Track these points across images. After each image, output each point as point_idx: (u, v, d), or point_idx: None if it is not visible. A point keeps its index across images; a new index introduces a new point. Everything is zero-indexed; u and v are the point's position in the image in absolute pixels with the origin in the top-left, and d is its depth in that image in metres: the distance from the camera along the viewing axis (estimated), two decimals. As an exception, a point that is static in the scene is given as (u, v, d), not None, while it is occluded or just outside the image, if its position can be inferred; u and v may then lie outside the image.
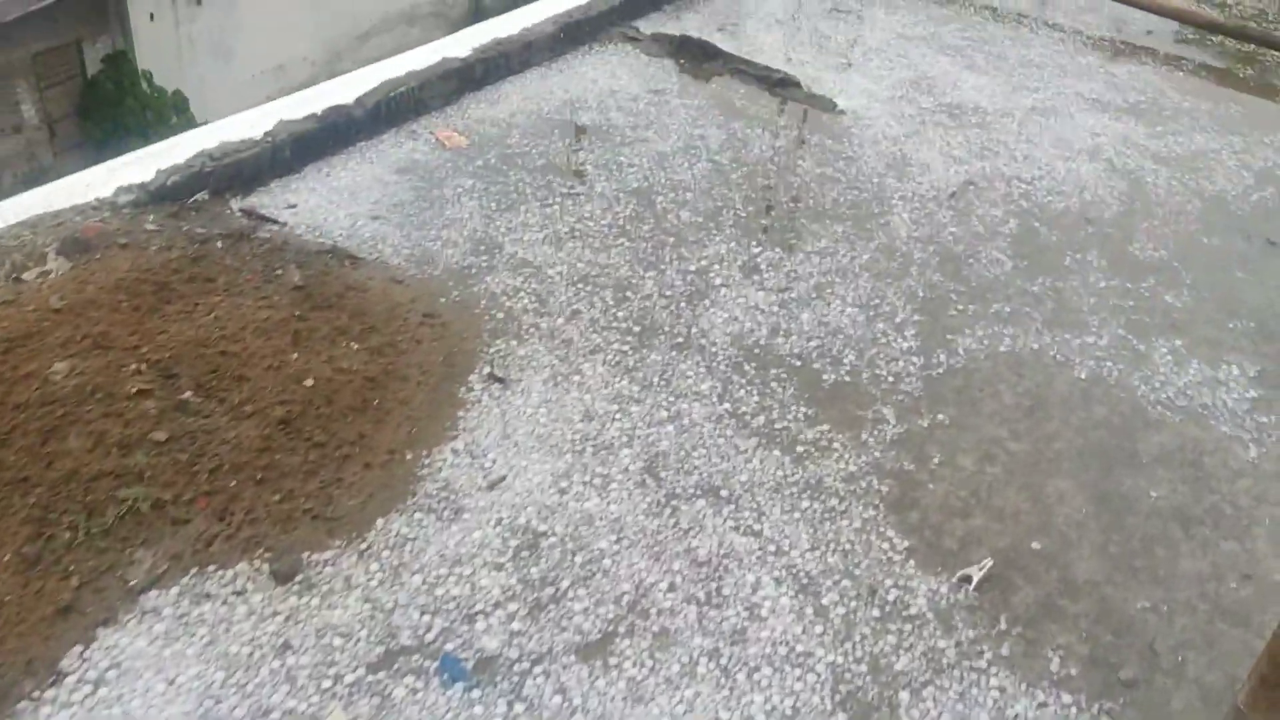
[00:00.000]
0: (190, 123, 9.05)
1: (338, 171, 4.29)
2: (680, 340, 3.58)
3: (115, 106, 9.66)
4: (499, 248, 3.94)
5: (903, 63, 5.83)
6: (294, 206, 4.02)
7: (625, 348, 3.52)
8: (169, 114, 10.02)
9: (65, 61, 9.46)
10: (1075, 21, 6.66)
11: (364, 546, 2.71)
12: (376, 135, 4.55)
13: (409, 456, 2.97)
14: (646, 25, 5.90)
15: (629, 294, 3.78)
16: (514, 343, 3.48)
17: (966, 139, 5.07)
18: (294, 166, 4.24)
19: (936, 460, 3.21)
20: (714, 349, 3.56)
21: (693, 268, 3.95)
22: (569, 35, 5.51)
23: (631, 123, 4.89)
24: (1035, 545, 2.96)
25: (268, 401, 2.90)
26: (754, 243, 4.13)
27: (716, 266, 3.97)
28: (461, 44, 5.02)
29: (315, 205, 4.05)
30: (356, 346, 3.19)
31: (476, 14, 10.85)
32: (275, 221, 3.90)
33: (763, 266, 4.00)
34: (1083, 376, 3.62)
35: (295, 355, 3.04)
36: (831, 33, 6.15)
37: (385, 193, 4.19)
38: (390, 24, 10.58)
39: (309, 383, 2.99)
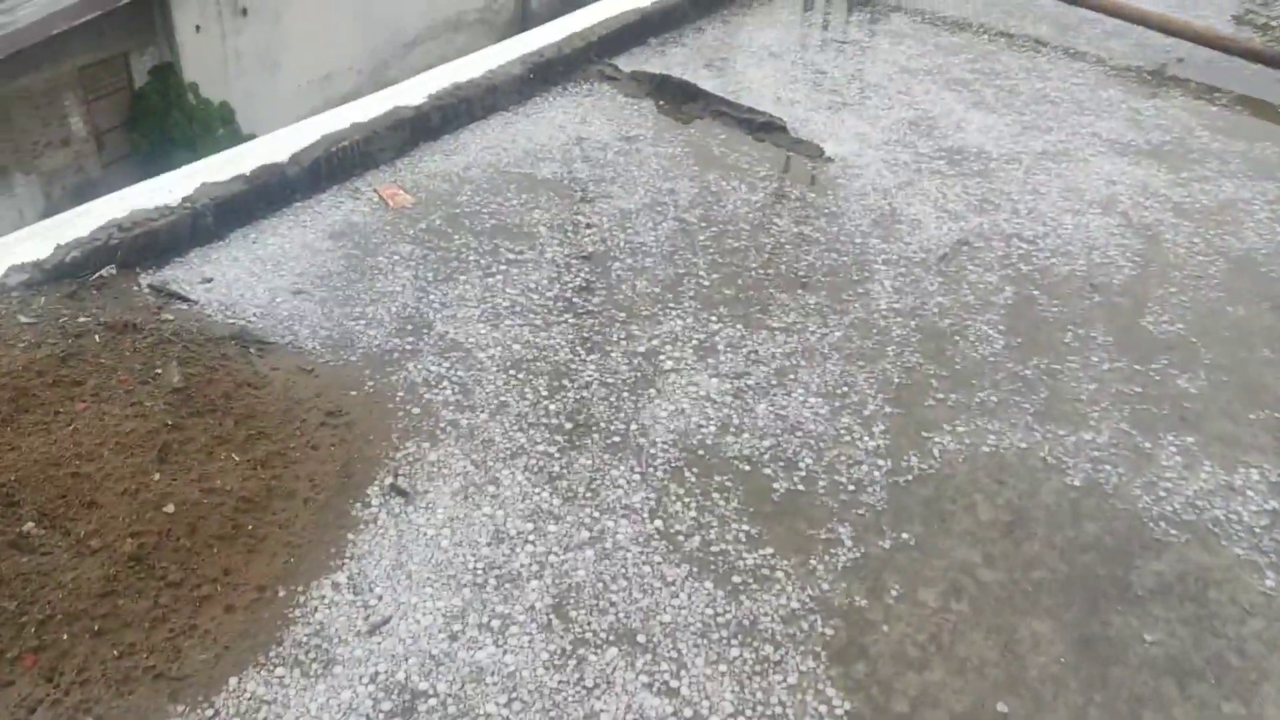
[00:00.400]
0: (236, 134, 9.08)
1: (266, 238, 3.96)
2: (616, 440, 3.19)
3: (162, 118, 9.58)
4: (428, 327, 3.58)
5: (903, 100, 5.38)
6: (209, 281, 3.69)
7: (552, 449, 3.14)
8: (215, 125, 9.92)
9: (113, 74, 9.40)
10: (1099, 49, 6.15)
11: (209, 713, 2.36)
12: (315, 194, 4.22)
13: (281, 594, 2.62)
14: (627, 62, 5.51)
15: (565, 382, 3.40)
16: (426, 445, 3.11)
17: (965, 189, 4.62)
18: (218, 233, 3.92)
19: (894, 594, 2.79)
20: (653, 450, 3.17)
21: (642, 349, 3.56)
22: (540, 75, 5.14)
23: (596, 175, 4.51)
24: (1001, 707, 2.53)
25: (118, 533, 2.56)
26: (714, 318, 3.73)
27: (668, 347, 3.58)
28: (416, 91, 4.67)
29: (234, 278, 3.72)
30: (237, 459, 2.85)
31: (524, 19, 10.59)
32: (185, 300, 3.57)
33: (720, 347, 3.60)
34: (1075, 484, 3.17)
35: (158, 475, 2.70)
36: (828, 67, 5.71)
37: (313, 262, 3.85)
38: (436, 31, 10.40)
39: (169, 509, 2.64)
